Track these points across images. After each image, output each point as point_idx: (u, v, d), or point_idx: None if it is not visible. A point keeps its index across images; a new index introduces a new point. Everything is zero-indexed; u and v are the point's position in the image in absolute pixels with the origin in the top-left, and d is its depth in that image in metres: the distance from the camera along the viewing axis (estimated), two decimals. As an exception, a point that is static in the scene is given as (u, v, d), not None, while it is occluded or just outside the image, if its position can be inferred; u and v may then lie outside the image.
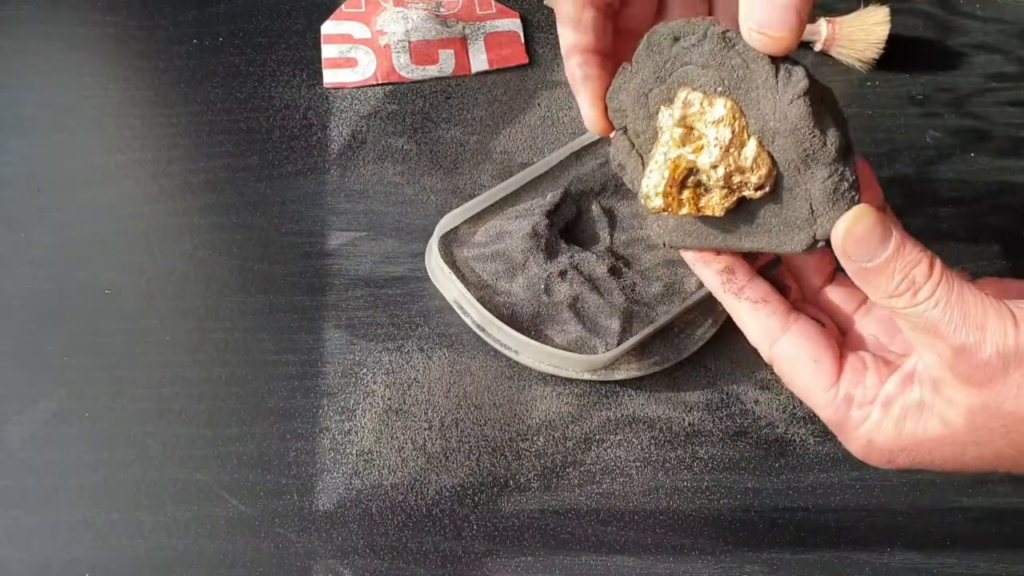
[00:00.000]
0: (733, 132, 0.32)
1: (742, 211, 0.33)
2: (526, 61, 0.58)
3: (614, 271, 0.47)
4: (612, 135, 0.35)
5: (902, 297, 0.30)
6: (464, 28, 0.58)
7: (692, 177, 0.33)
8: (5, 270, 0.48)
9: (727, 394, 0.46)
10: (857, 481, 0.44)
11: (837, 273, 0.36)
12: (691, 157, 0.32)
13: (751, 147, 0.31)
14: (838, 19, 0.58)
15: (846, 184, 0.31)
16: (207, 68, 0.56)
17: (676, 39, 0.32)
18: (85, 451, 0.43)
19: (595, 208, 0.49)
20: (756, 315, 0.34)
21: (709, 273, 0.35)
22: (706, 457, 0.44)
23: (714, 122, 0.32)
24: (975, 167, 0.55)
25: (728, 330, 0.47)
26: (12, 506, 0.41)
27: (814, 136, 0.30)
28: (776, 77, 0.30)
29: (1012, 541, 0.43)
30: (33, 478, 0.42)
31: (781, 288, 0.35)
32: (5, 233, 0.49)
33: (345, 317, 0.47)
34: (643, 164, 0.34)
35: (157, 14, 0.58)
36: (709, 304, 0.47)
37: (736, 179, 0.32)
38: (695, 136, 0.32)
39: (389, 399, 0.45)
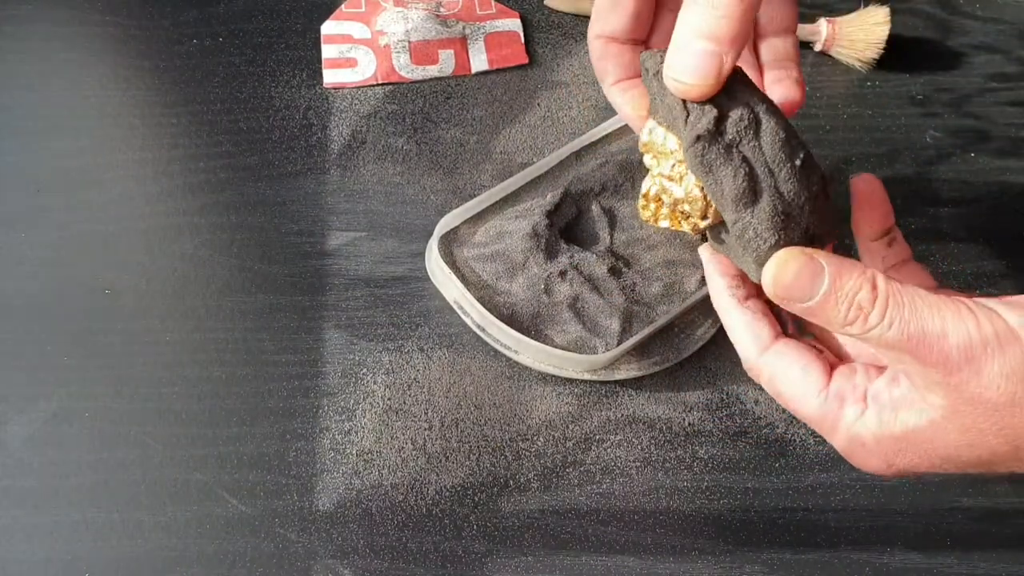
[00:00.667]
0: (672, 165, 0.33)
1: (720, 233, 0.34)
2: (526, 61, 0.58)
3: (614, 271, 0.47)
4: None
5: (854, 325, 0.29)
6: (464, 28, 0.58)
7: None
8: (5, 270, 0.48)
9: (727, 394, 0.46)
10: (857, 481, 0.44)
11: None
12: (659, 181, 0.34)
13: (689, 181, 0.32)
14: (838, 19, 0.58)
15: (751, 232, 0.31)
16: (207, 68, 0.56)
17: (647, 70, 0.34)
18: (85, 451, 0.43)
19: (595, 208, 0.49)
20: (751, 324, 0.34)
21: (718, 276, 0.35)
22: (706, 457, 0.44)
23: (661, 153, 0.33)
24: (975, 167, 0.55)
25: (728, 330, 0.47)
26: (12, 506, 0.41)
27: (709, 184, 0.31)
28: (685, 123, 0.31)
29: (1012, 541, 0.43)
30: (33, 478, 0.42)
31: None
32: (5, 233, 0.49)
33: (345, 317, 0.47)
34: None
35: (157, 14, 0.58)
36: (709, 304, 0.47)
37: (680, 208, 0.33)
38: (658, 163, 0.34)
39: (389, 399, 0.45)
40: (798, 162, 0.31)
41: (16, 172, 0.51)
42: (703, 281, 0.47)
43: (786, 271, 0.30)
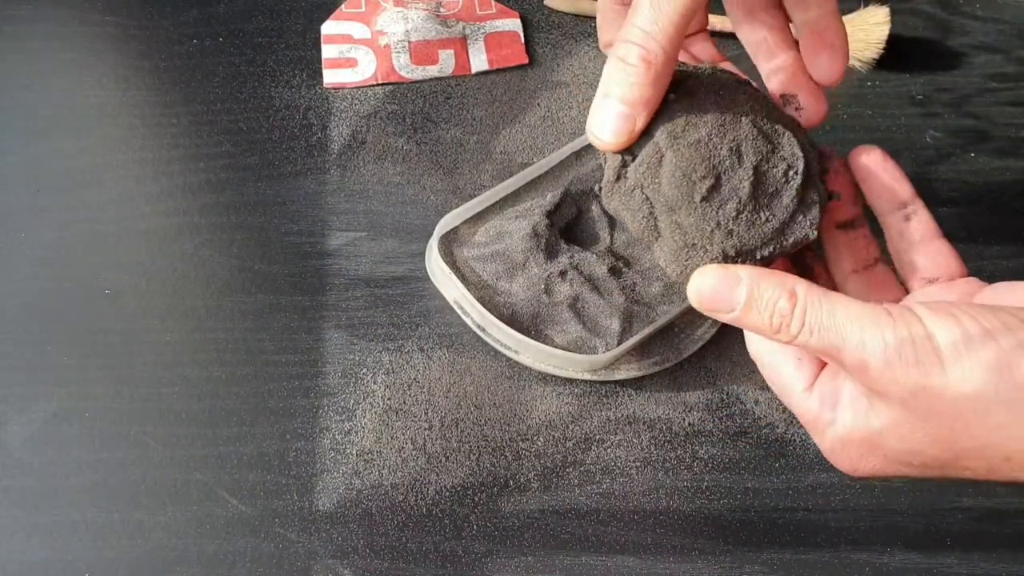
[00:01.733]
0: None
1: None
2: (526, 61, 0.58)
3: (614, 271, 0.47)
4: None
5: (781, 332, 0.30)
6: (464, 28, 0.58)
7: None
8: (5, 270, 0.48)
9: (727, 394, 0.46)
10: (857, 481, 0.44)
11: (874, 268, 0.37)
12: None
13: None
14: (838, 19, 0.58)
15: (662, 263, 0.34)
16: (207, 68, 0.56)
17: None
18: (85, 451, 0.43)
19: (595, 208, 0.49)
20: None
21: None
22: (706, 457, 0.44)
23: None
24: (975, 167, 0.55)
25: (728, 330, 0.47)
26: (12, 506, 0.41)
27: (622, 225, 0.35)
28: (602, 170, 0.34)
29: (1012, 541, 0.43)
30: (33, 478, 0.42)
31: (809, 270, 0.37)
32: (5, 233, 0.49)
33: (345, 317, 0.47)
34: None
35: (157, 14, 0.58)
36: (709, 304, 0.47)
37: None
38: None
39: (389, 399, 0.45)
40: (698, 197, 0.33)
41: (16, 172, 0.51)
42: (703, 281, 0.47)
43: (703, 284, 0.31)
